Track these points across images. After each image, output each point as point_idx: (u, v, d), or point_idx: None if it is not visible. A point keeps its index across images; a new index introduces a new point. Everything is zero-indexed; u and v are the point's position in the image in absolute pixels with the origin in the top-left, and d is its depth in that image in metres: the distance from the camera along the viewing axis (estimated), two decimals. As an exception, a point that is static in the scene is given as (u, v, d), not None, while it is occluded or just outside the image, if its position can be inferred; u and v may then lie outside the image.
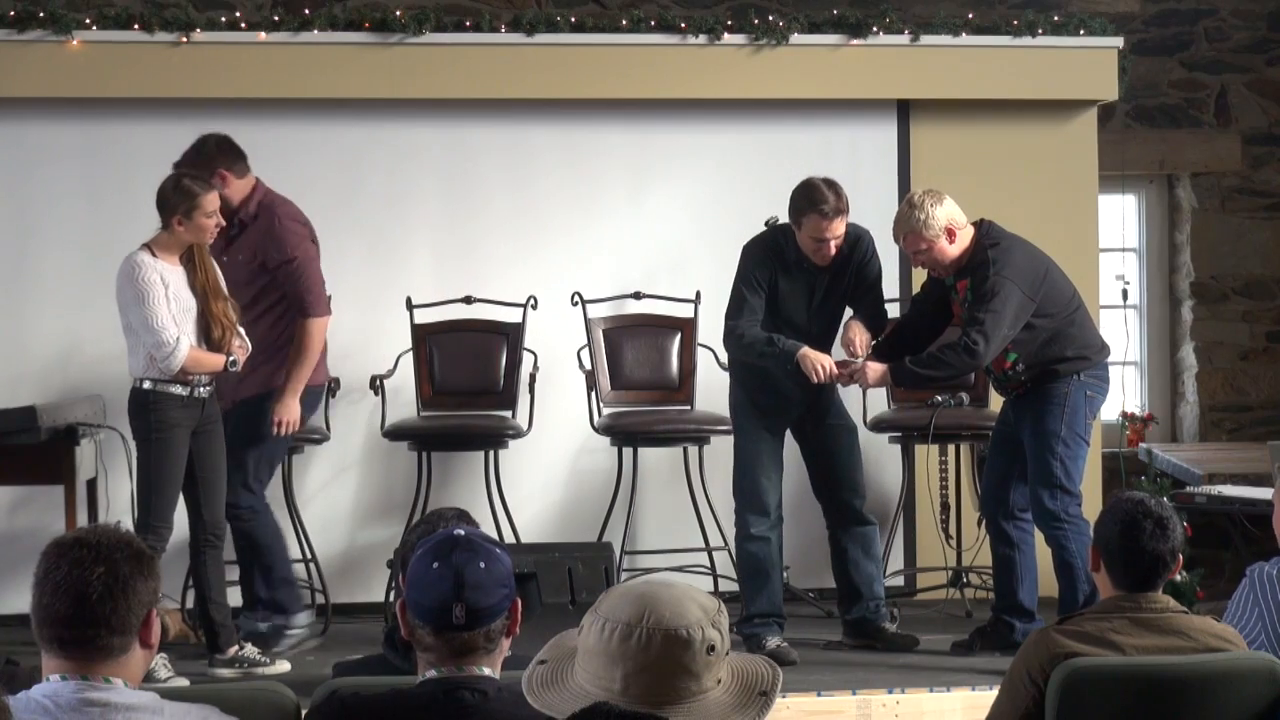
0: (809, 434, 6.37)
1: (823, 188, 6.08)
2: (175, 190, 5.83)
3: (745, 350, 6.20)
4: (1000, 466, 6.23)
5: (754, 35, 7.44)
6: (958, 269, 6.07)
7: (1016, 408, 6.16)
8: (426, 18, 7.29)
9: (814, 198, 6.06)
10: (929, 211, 6.00)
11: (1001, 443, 6.25)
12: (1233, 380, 8.72)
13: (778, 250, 6.21)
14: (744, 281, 6.22)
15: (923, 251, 6.06)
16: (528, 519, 7.22)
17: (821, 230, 6.07)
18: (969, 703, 5.58)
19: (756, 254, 6.25)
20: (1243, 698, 3.73)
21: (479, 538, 3.03)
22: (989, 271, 5.97)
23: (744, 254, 6.29)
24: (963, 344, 5.95)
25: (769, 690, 2.51)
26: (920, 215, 6.00)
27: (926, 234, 6.01)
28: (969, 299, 6.03)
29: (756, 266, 6.21)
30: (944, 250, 6.04)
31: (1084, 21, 7.72)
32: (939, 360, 6.02)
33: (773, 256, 6.21)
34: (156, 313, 5.76)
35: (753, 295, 6.18)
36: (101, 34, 7.13)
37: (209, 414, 5.97)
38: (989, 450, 6.43)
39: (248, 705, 3.30)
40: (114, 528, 2.90)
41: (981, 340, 5.91)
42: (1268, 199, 8.75)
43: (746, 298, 6.19)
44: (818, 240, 6.09)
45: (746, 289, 6.20)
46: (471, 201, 7.53)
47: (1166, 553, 3.84)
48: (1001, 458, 6.23)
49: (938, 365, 6.03)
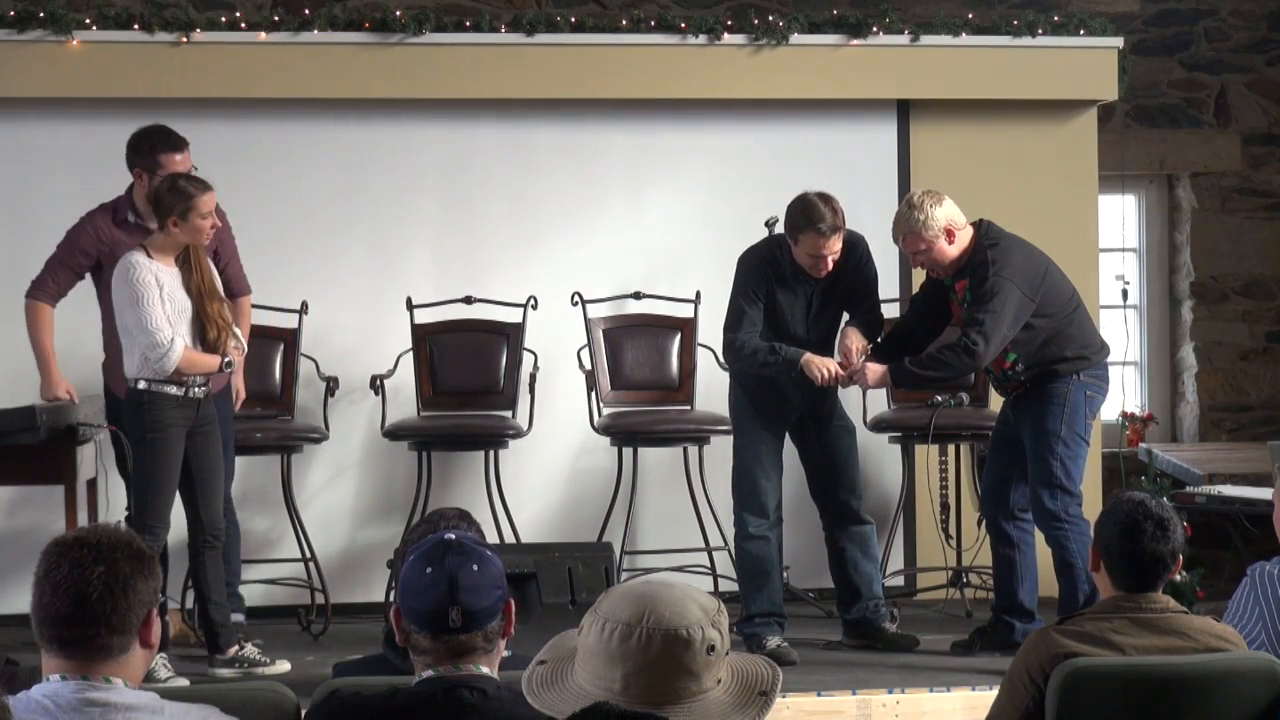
0: (808, 435, 6.37)
1: (819, 204, 6.06)
2: (171, 191, 5.82)
3: (747, 361, 6.20)
4: (1000, 467, 6.23)
5: (754, 35, 7.44)
6: (957, 269, 6.07)
7: (1016, 408, 6.16)
8: (426, 18, 7.29)
9: (811, 215, 6.05)
10: (928, 212, 6.00)
11: (1001, 443, 6.25)
12: (1233, 380, 8.72)
13: (773, 261, 6.21)
14: (741, 294, 6.22)
15: (922, 252, 6.06)
16: (528, 519, 7.22)
17: (819, 248, 6.07)
18: (969, 703, 5.59)
19: (752, 266, 6.24)
20: (1243, 698, 3.73)
21: (469, 540, 3.04)
22: (988, 272, 5.97)
23: (740, 266, 6.28)
24: (962, 345, 5.95)
25: (769, 690, 2.51)
26: (919, 216, 6.00)
27: (926, 234, 6.01)
28: (968, 299, 6.04)
29: (753, 279, 6.21)
30: (943, 251, 6.04)
31: (1084, 21, 7.72)
32: (938, 361, 6.03)
33: (768, 268, 6.21)
34: (151, 313, 5.76)
35: (750, 307, 6.19)
36: (101, 34, 7.13)
37: (205, 414, 5.96)
38: (989, 451, 6.43)
39: (248, 705, 3.30)
40: (114, 527, 2.90)
41: (981, 341, 5.91)
42: (1268, 199, 8.75)
43: (745, 309, 6.19)
44: (814, 257, 6.10)
45: (744, 301, 6.20)
46: (472, 201, 7.53)
47: (1167, 554, 3.84)
48: (1001, 458, 6.23)
49: (937, 366, 6.04)
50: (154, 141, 6.19)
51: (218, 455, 6.03)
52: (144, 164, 6.18)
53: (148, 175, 6.17)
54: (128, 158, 6.23)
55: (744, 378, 6.34)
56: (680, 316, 7.36)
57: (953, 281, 6.11)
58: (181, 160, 6.18)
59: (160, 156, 6.16)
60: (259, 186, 7.21)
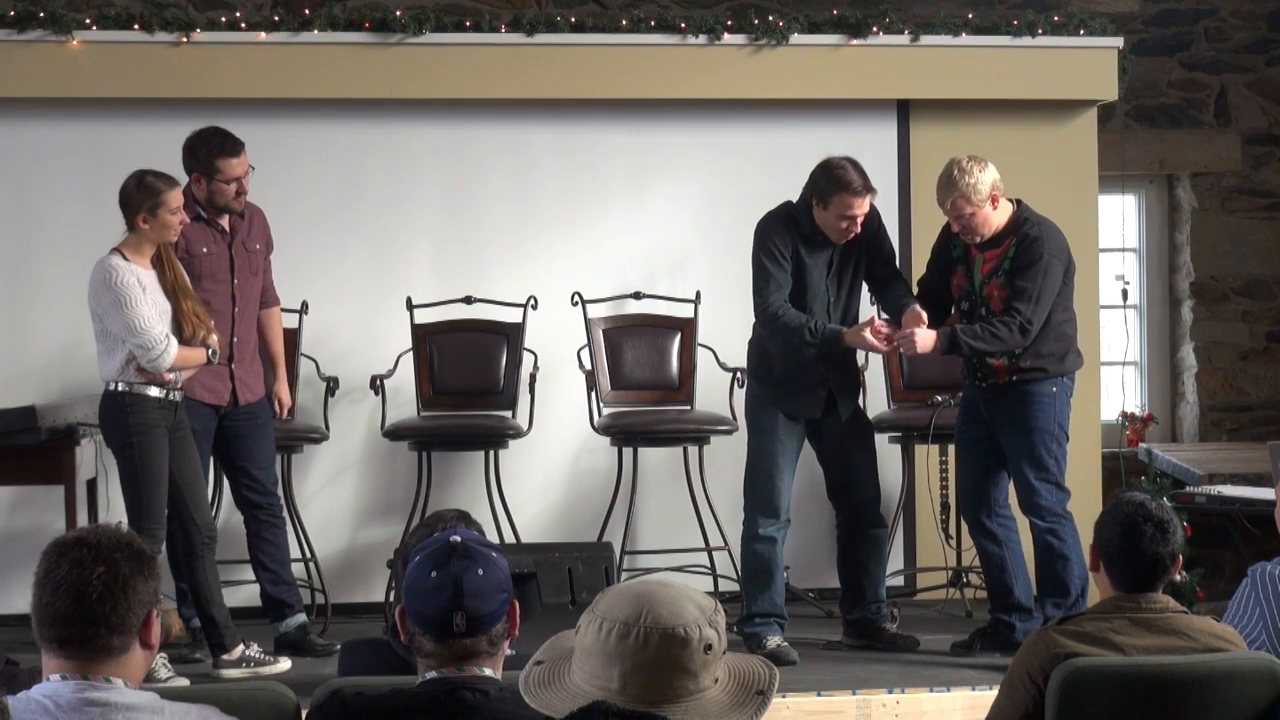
0: (827, 435, 6.31)
1: (848, 167, 6.08)
2: (139, 188, 5.79)
3: (787, 334, 6.11)
4: (976, 466, 6.20)
5: (754, 35, 7.45)
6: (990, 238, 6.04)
7: (992, 404, 6.11)
8: (426, 18, 7.29)
9: (841, 178, 6.05)
10: (976, 176, 5.96)
11: (973, 442, 6.21)
12: (1233, 380, 8.72)
13: (794, 222, 6.18)
14: (766, 254, 6.15)
15: (967, 216, 6.00)
16: (528, 519, 7.23)
17: (850, 207, 6.05)
18: (969, 703, 5.59)
19: (775, 225, 6.19)
20: (1243, 698, 3.73)
21: (475, 543, 3.03)
22: (1041, 248, 5.95)
23: (760, 229, 6.22)
24: (1018, 323, 5.92)
25: (766, 690, 2.51)
26: (969, 180, 5.96)
27: (975, 198, 5.97)
28: (1004, 269, 5.99)
29: (777, 238, 6.14)
30: (987, 217, 6.01)
31: (1084, 21, 7.72)
32: (994, 335, 5.95)
33: (791, 227, 6.18)
34: (140, 314, 5.74)
35: (776, 268, 6.12)
36: (101, 34, 7.13)
37: (180, 419, 5.94)
38: (959, 451, 6.38)
39: (248, 705, 3.30)
40: (115, 528, 2.90)
41: (1036, 319, 5.91)
42: (1268, 199, 8.75)
43: (771, 271, 6.12)
44: (845, 218, 6.08)
45: (770, 262, 6.13)
46: (471, 201, 7.53)
47: (1166, 555, 3.85)
48: (975, 457, 6.20)
49: (991, 339, 5.95)
50: (211, 147, 6.20)
51: (196, 457, 6.02)
52: (201, 169, 6.20)
53: (206, 180, 6.20)
54: (184, 162, 6.22)
55: (766, 375, 6.28)
56: (680, 316, 7.36)
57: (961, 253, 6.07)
58: (239, 164, 6.19)
59: (218, 162, 6.19)
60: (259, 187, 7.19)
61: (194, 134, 6.26)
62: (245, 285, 6.33)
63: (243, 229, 6.33)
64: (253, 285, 6.37)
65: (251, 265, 6.35)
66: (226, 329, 6.18)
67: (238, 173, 6.19)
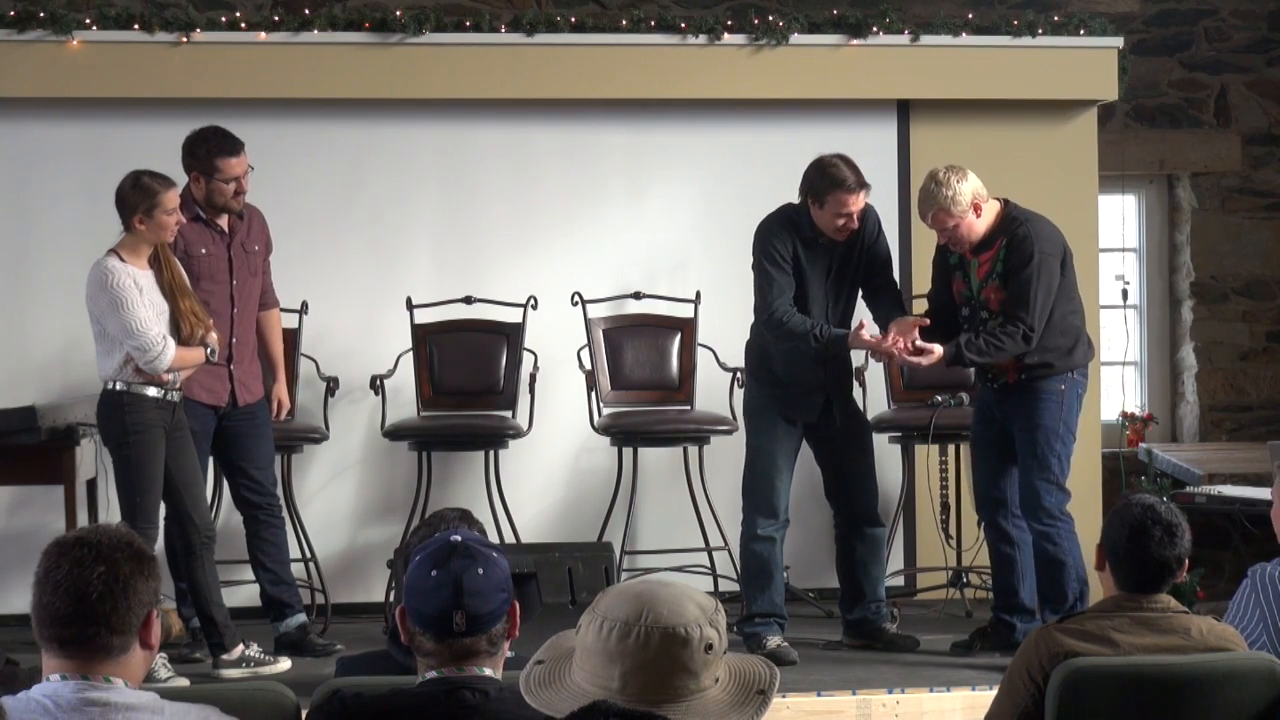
0: (825, 435, 6.32)
1: (841, 165, 6.09)
2: (135, 189, 5.79)
3: (792, 339, 6.11)
4: (991, 466, 6.19)
5: (754, 35, 7.45)
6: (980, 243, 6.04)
7: (1004, 402, 6.12)
8: (426, 18, 7.29)
9: (834, 176, 6.06)
10: (955, 188, 5.95)
11: (987, 443, 6.21)
12: (1233, 380, 8.72)
13: (794, 225, 6.18)
14: (767, 259, 6.15)
15: (950, 229, 6.00)
16: (528, 519, 7.23)
17: (846, 205, 6.06)
18: (969, 703, 5.59)
19: (775, 229, 6.19)
20: (1243, 698, 3.73)
21: (476, 543, 3.03)
22: (1033, 249, 5.93)
23: (760, 233, 6.22)
24: (1021, 331, 5.91)
25: (766, 689, 2.51)
26: (948, 193, 5.94)
27: (955, 210, 5.95)
28: (997, 271, 5.99)
29: (777, 241, 6.15)
30: (971, 226, 6.00)
31: (1084, 21, 7.72)
32: (998, 347, 5.94)
33: (791, 230, 6.18)
34: (137, 315, 5.74)
35: (779, 272, 6.12)
36: (101, 34, 7.13)
37: (178, 419, 5.94)
38: (974, 451, 6.38)
39: (248, 705, 3.30)
40: (115, 527, 2.89)
41: (1038, 323, 5.90)
42: (1268, 199, 8.75)
43: (774, 276, 6.13)
44: (841, 216, 6.08)
45: (772, 266, 6.13)
46: (471, 201, 7.53)
47: (1173, 559, 3.85)
48: (990, 457, 6.19)
49: (996, 352, 5.95)
50: (210, 146, 6.20)
51: (195, 457, 6.02)
52: (200, 168, 6.20)
53: (205, 179, 6.19)
54: (183, 161, 6.22)
55: (765, 375, 6.29)
56: (680, 316, 7.36)
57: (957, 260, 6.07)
58: (238, 163, 6.20)
59: (217, 161, 6.18)
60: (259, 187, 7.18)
61: (193, 133, 6.26)
62: (244, 286, 6.33)
63: (241, 230, 6.33)
64: (251, 286, 6.37)
65: (250, 266, 6.35)
66: (225, 330, 6.18)
67: (237, 172, 6.19)
